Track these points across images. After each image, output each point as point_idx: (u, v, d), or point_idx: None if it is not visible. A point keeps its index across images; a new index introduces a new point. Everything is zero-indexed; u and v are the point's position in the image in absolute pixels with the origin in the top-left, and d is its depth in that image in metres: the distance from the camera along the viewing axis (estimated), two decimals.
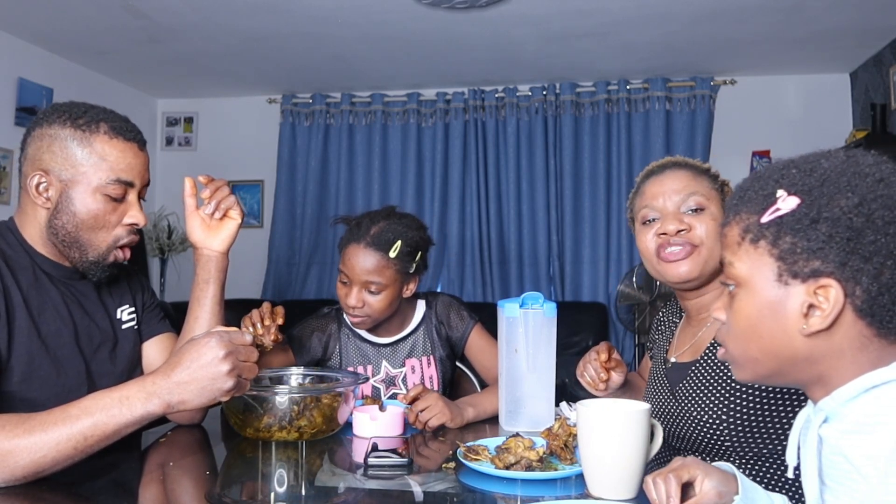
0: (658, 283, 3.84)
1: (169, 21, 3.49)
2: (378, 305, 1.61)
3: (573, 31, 3.59)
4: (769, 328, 0.75)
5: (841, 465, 0.73)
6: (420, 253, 1.66)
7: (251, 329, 1.43)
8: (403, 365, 1.73)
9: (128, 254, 1.27)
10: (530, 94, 4.48)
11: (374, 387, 1.71)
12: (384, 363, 1.72)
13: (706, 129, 4.31)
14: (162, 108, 5.00)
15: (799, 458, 0.83)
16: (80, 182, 1.19)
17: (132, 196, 1.25)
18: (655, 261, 1.31)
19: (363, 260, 1.58)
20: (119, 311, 1.35)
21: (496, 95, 4.53)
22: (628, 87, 4.38)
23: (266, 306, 1.48)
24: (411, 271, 1.65)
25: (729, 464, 0.91)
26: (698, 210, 1.28)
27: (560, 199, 4.44)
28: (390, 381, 1.72)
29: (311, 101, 4.73)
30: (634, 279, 3.96)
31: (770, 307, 0.75)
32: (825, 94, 4.28)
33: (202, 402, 1.06)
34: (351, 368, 1.71)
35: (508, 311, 1.47)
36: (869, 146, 3.47)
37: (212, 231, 1.37)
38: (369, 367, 1.71)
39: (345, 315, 1.72)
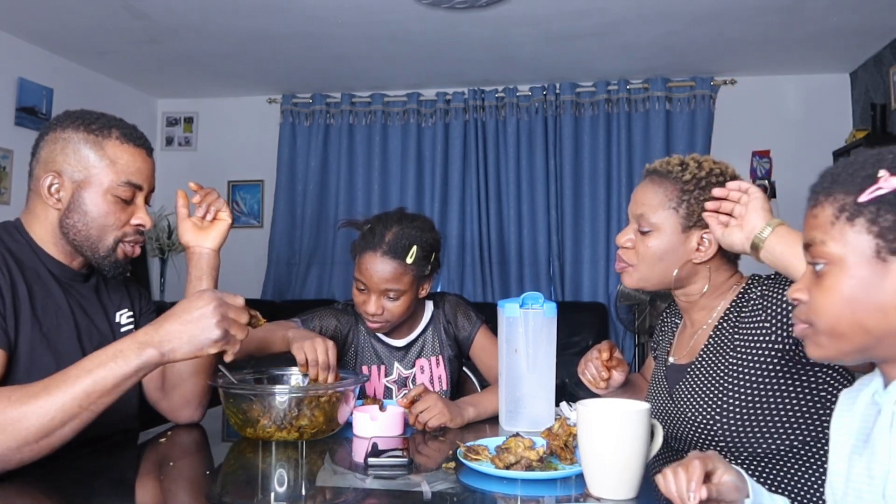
0: None
1: (169, 21, 3.49)
2: (397, 311, 1.62)
3: (573, 31, 3.59)
4: (864, 304, 0.77)
5: None
6: (434, 254, 1.67)
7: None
8: (414, 366, 1.74)
9: (137, 250, 1.31)
10: (530, 94, 4.48)
11: (385, 387, 1.72)
12: (396, 364, 1.74)
13: (706, 129, 4.31)
14: (162, 108, 5.00)
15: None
16: (92, 183, 1.24)
17: (140, 199, 1.30)
18: None
19: (381, 269, 1.58)
20: (118, 314, 1.38)
21: (496, 95, 4.53)
22: (628, 87, 4.38)
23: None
24: (426, 273, 1.66)
25: (739, 468, 0.91)
26: (646, 231, 1.31)
27: (560, 199, 4.44)
28: (402, 383, 1.73)
29: (311, 101, 4.73)
30: None
31: (866, 283, 0.77)
32: (825, 94, 4.28)
33: (191, 349, 1.09)
34: (365, 368, 1.72)
35: (508, 311, 1.47)
36: (869, 146, 3.47)
37: (203, 231, 1.41)
38: (382, 368, 1.73)
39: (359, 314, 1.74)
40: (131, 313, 1.40)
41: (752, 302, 1.24)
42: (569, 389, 2.88)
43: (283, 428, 1.30)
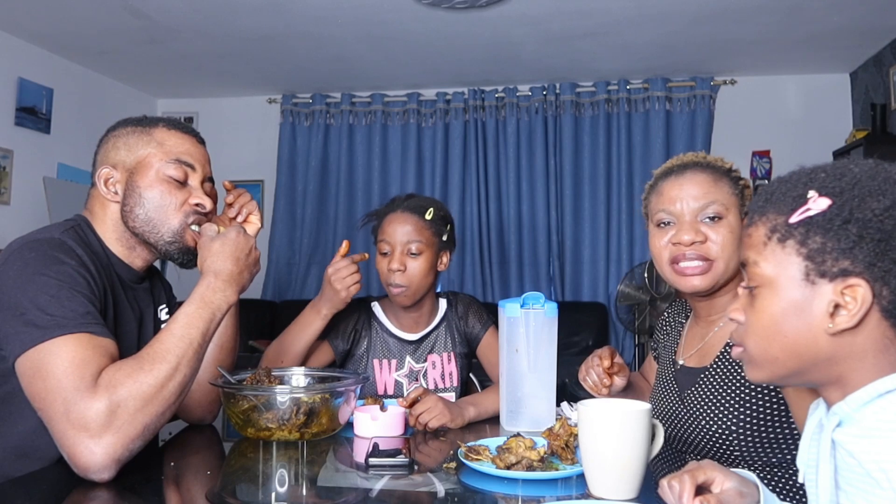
0: (659, 283, 3.84)
1: (169, 21, 3.49)
2: (419, 271, 1.67)
3: (573, 31, 3.59)
4: (793, 327, 0.75)
5: (855, 468, 0.73)
6: (450, 225, 1.76)
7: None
8: (426, 360, 1.77)
9: None
10: (530, 94, 4.49)
11: (396, 381, 1.74)
12: (408, 358, 1.76)
13: (706, 129, 4.31)
14: (162, 108, 5.00)
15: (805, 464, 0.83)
16: (143, 167, 1.26)
17: (194, 181, 1.30)
18: (668, 269, 1.28)
19: (402, 223, 1.68)
20: (160, 310, 1.40)
21: (496, 95, 4.54)
22: (628, 87, 4.38)
23: None
24: (444, 239, 1.74)
25: (751, 472, 0.91)
26: (716, 219, 1.24)
27: (560, 199, 4.44)
28: (413, 377, 1.76)
29: (311, 101, 4.73)
30: (634, 279, 3.97)
31: (795, 306, 0.75)
32: (825, 94, 4.28)
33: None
34: (376, 361, 1.75)
35: (509, 310, 1.47)
36: (869, 146, 3.47)
37: None
38: (394, 362, 1.76)
39: (373, 305, 1.79)
40: (167, 308, 1.42)
41: None
42: (569, 389, 2.88)
43: (283, 428, 1.30)
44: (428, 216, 1.70)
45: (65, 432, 0.99)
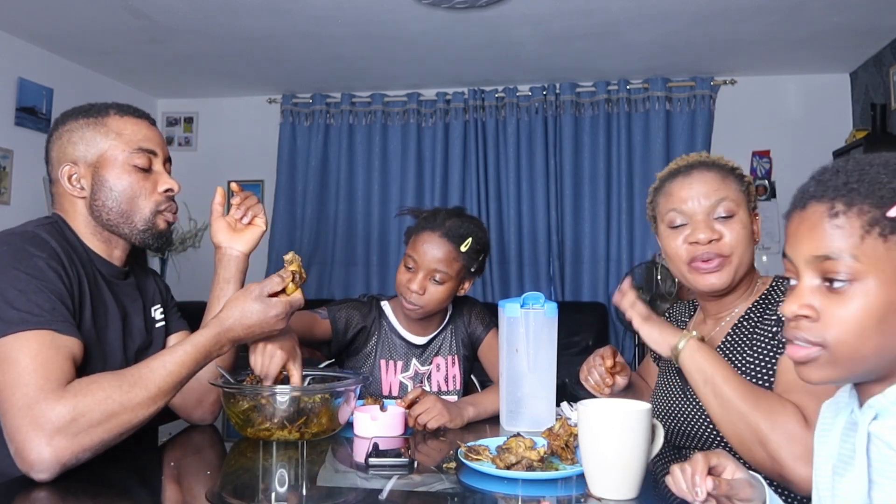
0: (658, 282, 3.84)
1: (169, 21, 3.49)
2: (437, 296, 1.66)
3: (573, 31, 3.59)
4: (893, 326, 0.72)
5: (893, 460, 0.72)
6: (482, 256, 1.74)
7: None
8: (431, 363, 1.78)
9: (176, 216, 1.33)
10: (530, 94, 4.49)
11: (401, 383, 1.75)
12: (414, 361, 1.77)
13: (706, 129, 4.31)
14: (162, 108, 5.00)
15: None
16: (107, 160, 1.25)
17: (158, 165, 1.31)
18: (686, 269, 1.28)
19: (436, 248, 1.64)
20: (153, 309, 1.39)
21: (496, 95, 4.53)
22: (628, 87, 4.38)
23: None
24: (472, 270, 1.71)
25: (758, 474, 0.91)
26: (728, 217, 1.25)
27: (560, 199, 4.44)
28: (418, 379, 1.77)
29: (311, 101, 4.73)
30: (634, 279, 3.96)
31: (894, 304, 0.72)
32: (825, 94, 4.28)
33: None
34: (383, 361, 1.76)
35: (509, 310, 1.47)
36: (869, 146, 3.47)
37: (237, 234, 1.42)
38: (399, 363, 1.76)
39: (383, 305, 1.78)
40: (162, 308, 1.42)
41: (778, 302, 1.23)
42: (569, 389, 2.87)
43: (283, 428, 1.30)
44: (464, 248, 1.65)
45: (20, 427, 1.00)
